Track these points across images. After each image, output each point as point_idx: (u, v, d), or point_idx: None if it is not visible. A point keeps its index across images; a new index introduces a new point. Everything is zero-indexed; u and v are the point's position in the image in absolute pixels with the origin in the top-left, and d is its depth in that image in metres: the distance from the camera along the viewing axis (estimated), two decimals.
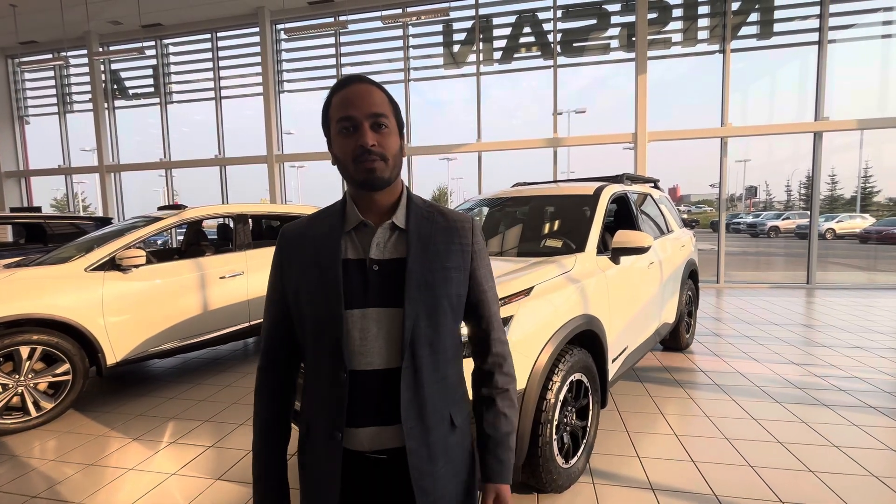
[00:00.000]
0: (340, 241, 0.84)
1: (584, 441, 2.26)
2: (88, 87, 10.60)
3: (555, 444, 1.98)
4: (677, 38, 7.94)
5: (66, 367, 3.05)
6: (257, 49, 9.36)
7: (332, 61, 9.28)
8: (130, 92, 10.72)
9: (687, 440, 2.58)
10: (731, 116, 7.70)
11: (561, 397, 1.99)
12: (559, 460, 2.02)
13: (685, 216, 5.23)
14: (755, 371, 3.68)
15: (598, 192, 3.03)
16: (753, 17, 7.77)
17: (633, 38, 7.88)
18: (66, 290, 3.10)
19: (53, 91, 11.22)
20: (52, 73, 11.13)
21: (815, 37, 7.50)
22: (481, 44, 8.60)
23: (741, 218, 18.32)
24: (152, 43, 10.08)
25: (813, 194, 7.68)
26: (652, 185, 4.41)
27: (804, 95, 7.81)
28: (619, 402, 3.13)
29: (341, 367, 0.80)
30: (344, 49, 9.24)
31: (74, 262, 3.26)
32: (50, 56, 9.77)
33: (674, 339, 4.08)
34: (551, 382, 1.94)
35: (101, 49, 9.99)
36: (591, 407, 2.30)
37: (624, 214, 3.52)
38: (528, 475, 1.97)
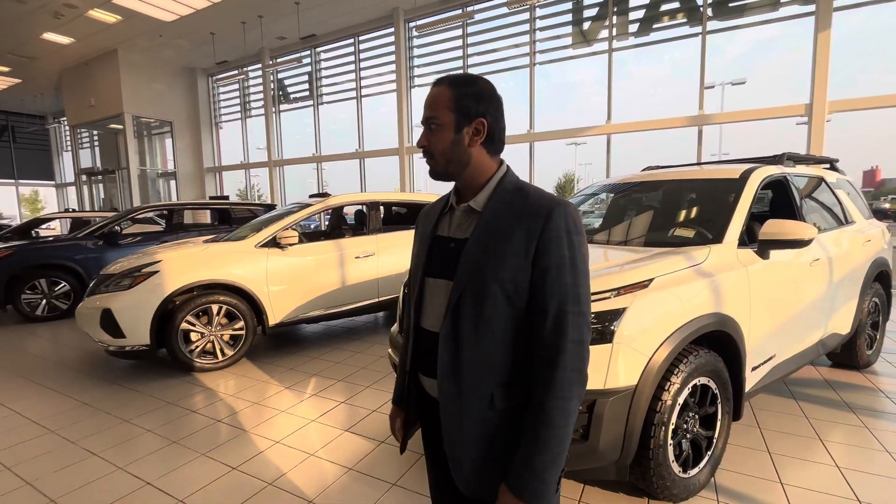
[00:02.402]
0: (438, 220, 1.01)
1: (709, 453, 2.03)
2: (261, 95, 12.69)
3: (670, 449, 1.82)
4: None
5: (242, 324, 3.80)
6: (392, 48, 10.10)
7: (459, 52, 9.54)
8: (291, 96, 12.53)
9: (854, 476, 2.13)
10: None
11: (680, 401, 1.82)
12: (675, 467, 1.86)
13: (886, 205, 4.14)
14: None
15: (746, 175, 2.61)
16: None
17: None
18: (242, 263, 3.83)
19: (237, 100, 13.70)
20: (236, 86, 13.59)
21: None
22: (615, 17, 7.95)
23: None
24: (308, 52, 11.59)
25: None
26: (827, 166, 3.63)
27: None
28: (762, 418, 2.71)
29: (414, 322, 1.02)
30: (470, 39, 9.42)
31: (248, 240, 4.01)
32: (236, 72, 11.94)
33: (848, 354, 3.35)
34: (668, 384, 1.79)
35: (270, 62, 11.85)
36: (719, 416, 2.05)
37: (783, 202, 2.98)
38: (638, 477, 1.85)
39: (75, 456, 2.45)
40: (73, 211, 10.41)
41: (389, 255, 4.58)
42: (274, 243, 4.00)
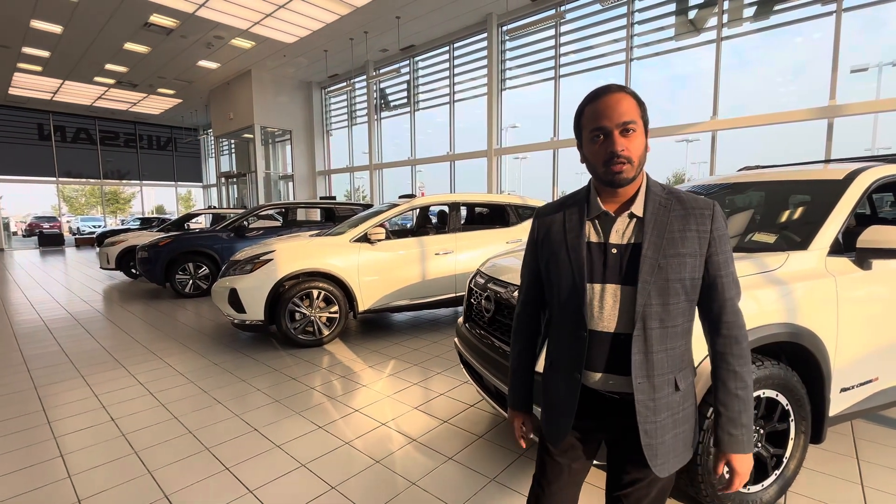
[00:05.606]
0: (585, 228, 1.01)
1: (777, 471, 1.91)
2: (365, 104, 13.82)
3: None
4: None
5: (336, 308, 4.33)
6: (484, 53, 10.35)
7: (551, 52, 9.45)
8: (391, 104, 13.46)
9: None
10: None
11: None
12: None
13: None
14: None
15: (852, 176, 2.34)
16: None
17: None
18: (339, 255, 4.37)
19: (345, 110, 15.08)
20: (344, 97, 14.97)
21: None
22: (726, 2, 7.27)
23: None
24: (406, 62, 12.35)
25: None
26: None
27: None
28: (863, 448, 2.41)
29: (582, 326, 1.00)
30: (563, 38, 9.28)
31: (344, 235, 4.54)
32: (344, 84, 13.18)
33: None
34: None
35: (374, 73, 12.86)
36: (792, 435, 1.92)
37: None
38: (687, 483, 1.83)
39: (206, 402, 3.08)
40: (213, 208, 12.44)
41: (467, 253, 4.83)
42: (365, 239, 4.48)
